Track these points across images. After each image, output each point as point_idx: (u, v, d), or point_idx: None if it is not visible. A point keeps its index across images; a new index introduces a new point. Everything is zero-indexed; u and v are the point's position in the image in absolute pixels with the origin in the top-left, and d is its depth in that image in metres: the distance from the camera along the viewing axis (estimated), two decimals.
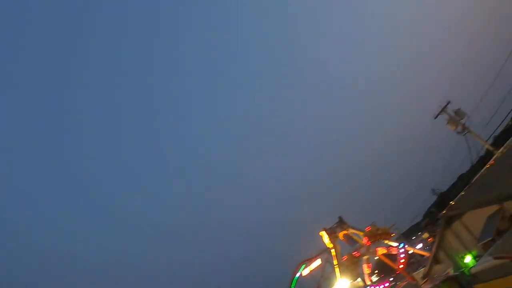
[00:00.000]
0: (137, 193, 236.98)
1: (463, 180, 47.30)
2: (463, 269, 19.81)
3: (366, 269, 43.78)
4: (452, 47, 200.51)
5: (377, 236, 41.16)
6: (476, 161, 37.50)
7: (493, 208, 14.46)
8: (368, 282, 43.40)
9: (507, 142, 25.34)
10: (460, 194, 19.93)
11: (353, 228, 42.42)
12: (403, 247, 41.99)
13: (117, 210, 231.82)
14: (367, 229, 41.62)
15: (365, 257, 43.20)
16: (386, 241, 42.33)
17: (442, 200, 47.32)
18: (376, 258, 49.19)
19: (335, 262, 41.02)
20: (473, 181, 19.60)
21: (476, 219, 16.29)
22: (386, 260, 44.64)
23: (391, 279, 49.86)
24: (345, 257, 41.01)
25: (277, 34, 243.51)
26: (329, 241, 41.60)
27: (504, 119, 31.07)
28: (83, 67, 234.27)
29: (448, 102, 31.55)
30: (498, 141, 38.11)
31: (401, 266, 41.34)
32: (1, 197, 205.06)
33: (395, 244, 42.71)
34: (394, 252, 42.57)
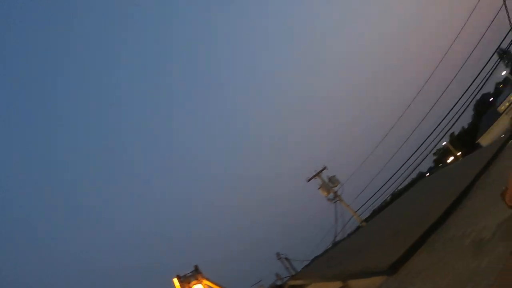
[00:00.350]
0: None
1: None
2: None
3: None
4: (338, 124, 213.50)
5: None
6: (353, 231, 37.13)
7: (338, 284, 12.83)
8: None
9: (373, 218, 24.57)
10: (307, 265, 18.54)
11: (209, 280, 39.86)
12: None
13: None
14: None
15: None
16: None
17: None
18: None
19: None
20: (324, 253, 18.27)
21: None
22: None
23: None
24: None
25: None
26: None
27: (376, 192, 30.99)
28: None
29: (324, 168, 30.97)
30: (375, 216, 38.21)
31: None
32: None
33: None
34: None
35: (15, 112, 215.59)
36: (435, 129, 25.31)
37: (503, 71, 78.74)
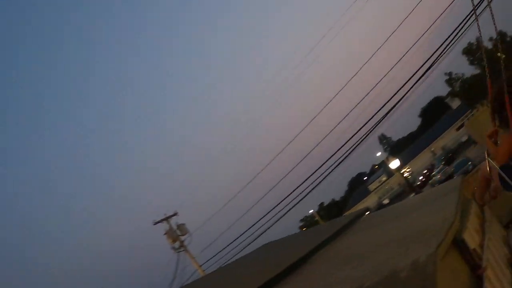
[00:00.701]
0: None
1: None
2: None
3: None
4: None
5: None
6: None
7: None
8: None
9: None
10: None
11: None
12: None
13: None
14: None
15: None
16: None
17: None
18: None
19: None
20: None
21: None
22: None
23: None
24: None
25: None
26: None
27: (224, 248, 28.58)
28: None
29: (175, 213, 27.84)
30: None
31: None
32: None
33: None
34: None
35: None
36: (294, 187, 23.74)
37: (379, 153, 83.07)
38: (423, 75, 19.70)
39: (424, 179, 61.60)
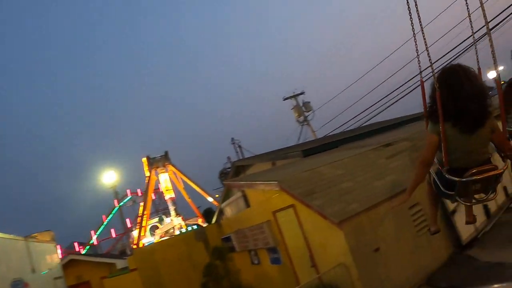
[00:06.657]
0: None
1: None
2: None
3: None
4: None
5: None
6: None
7: (269, 164, 15.80)
8: None
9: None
10: None
11: (175, 167, 42.33)
12: None
13: None
14: None
15: None
16: None
17: None
18: None
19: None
20: None
21: None
22: None
23: None
24: None
25: None
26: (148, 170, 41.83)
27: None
28: None
29: (302, 92, 33.51)
30: None
31: None
32: None
33: None
34: None
35: None
36: None
37: None
38: None
39: None
